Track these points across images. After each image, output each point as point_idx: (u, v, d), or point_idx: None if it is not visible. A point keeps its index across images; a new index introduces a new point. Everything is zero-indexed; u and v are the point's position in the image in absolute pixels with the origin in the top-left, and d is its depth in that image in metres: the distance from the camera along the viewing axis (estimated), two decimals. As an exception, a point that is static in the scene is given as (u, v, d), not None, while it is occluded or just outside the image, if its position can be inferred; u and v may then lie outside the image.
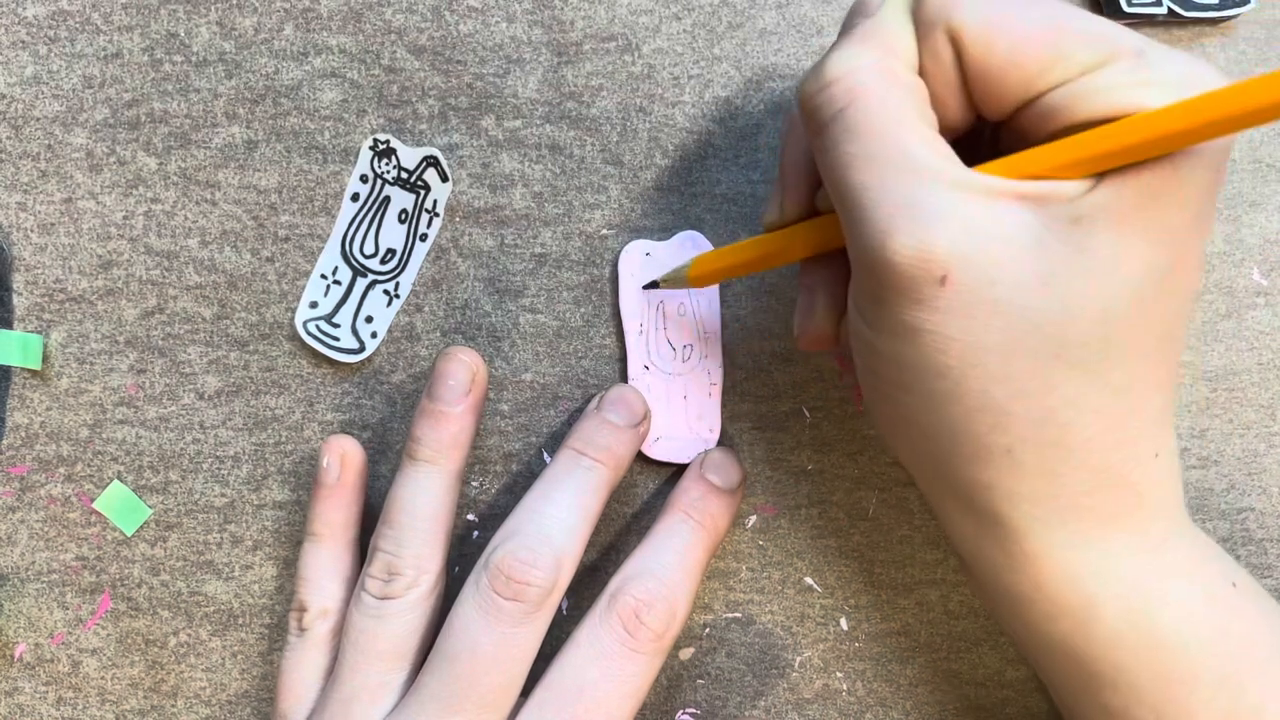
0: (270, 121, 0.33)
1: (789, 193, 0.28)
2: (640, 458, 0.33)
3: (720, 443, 0.33)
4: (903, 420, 0.25)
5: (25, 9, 0.33)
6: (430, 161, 0.33)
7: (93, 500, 0.33)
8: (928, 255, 0.21)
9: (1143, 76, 0.21)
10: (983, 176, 0.22)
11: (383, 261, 0.33)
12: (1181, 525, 0.25)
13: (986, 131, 0.26)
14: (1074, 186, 0.22)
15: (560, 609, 0.32)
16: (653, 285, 0.32)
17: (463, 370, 0.30)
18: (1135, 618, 0.24)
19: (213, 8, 0.33)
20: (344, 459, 0.31)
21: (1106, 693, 0.25)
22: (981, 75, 0.23)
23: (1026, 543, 0.24)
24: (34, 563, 0.33)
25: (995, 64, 0.23)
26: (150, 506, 0.33)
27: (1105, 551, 0.24)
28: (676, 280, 0.31)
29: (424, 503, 0.29)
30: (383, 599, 0.28)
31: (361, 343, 0.33)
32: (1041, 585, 0.24)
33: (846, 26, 0.25)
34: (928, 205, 0.21)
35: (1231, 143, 0.21)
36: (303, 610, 0.30)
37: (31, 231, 0.33)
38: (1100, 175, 0.22)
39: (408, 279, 0.33)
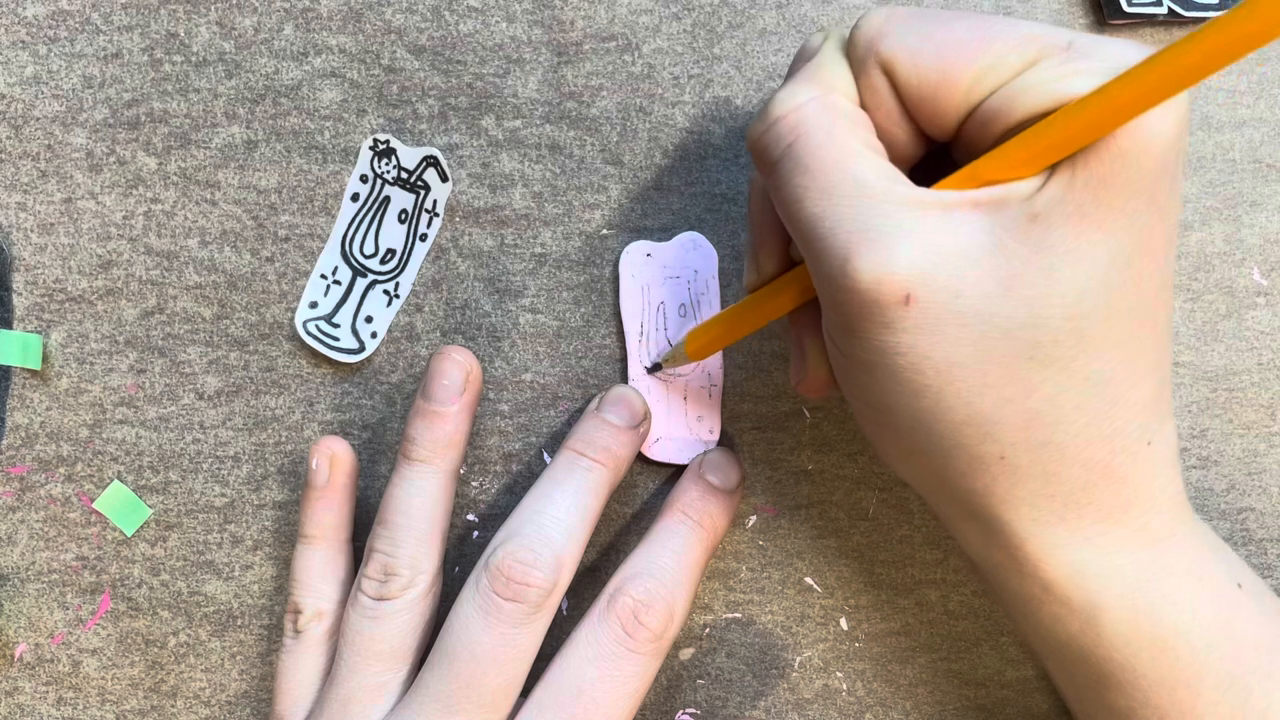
0: (270, 121, 0.33)
1: (763, 250, 0.28)
2: (640, 458, 0.33)
3: (720, 443, 0.33)
4: (894, 440, 0.25)
5: (25, 9, 0.33)
6: (430, 161, 0.33)
7: (93, 500, 0.33)
8: (888, 276, 0.21)
9: (1073, 67, 0.22)
10: (935, 192, 0.22)
11: (383, 261, 0.33)
12: (1184, 519, 0.25)
13: (942, 155, 0.26)
14: (1026, 186, 0.22)
15: (560, 609, 0.32)
16: (655, 368, 0.33)
17: (457, 370, 0.30)
18: (1140, 618, 0.24)
19: (213, 8, 0.33)
20: (333, 460, 0.31)
21: (1113, 693, 0.25)
22: (918, 98, 0.23)
23: (1029, 545, 0.24)
24: (34, 563, 0.33)
25: (929, 85, 0.23)
26: (150, 506, 0.33)
27: (1106, 548, 0.24)
28: (676, 358, 0.32)
29: (419, 503, 0.29)
30: (379, 599, 0.28)
31: (361, 343, 0.33)
32: (1048, 586, 0.24)
33: (790, 72, 0.26)
34: (882, 227, 0.22)
35: (1181, 118, 0.21)
36: (297, 612, 0.30)
37: (31, 231, 0.33)
38: (1051, 171, 0.22)
39: (408, 279, 0.33)
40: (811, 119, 0.23)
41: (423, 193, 0.33)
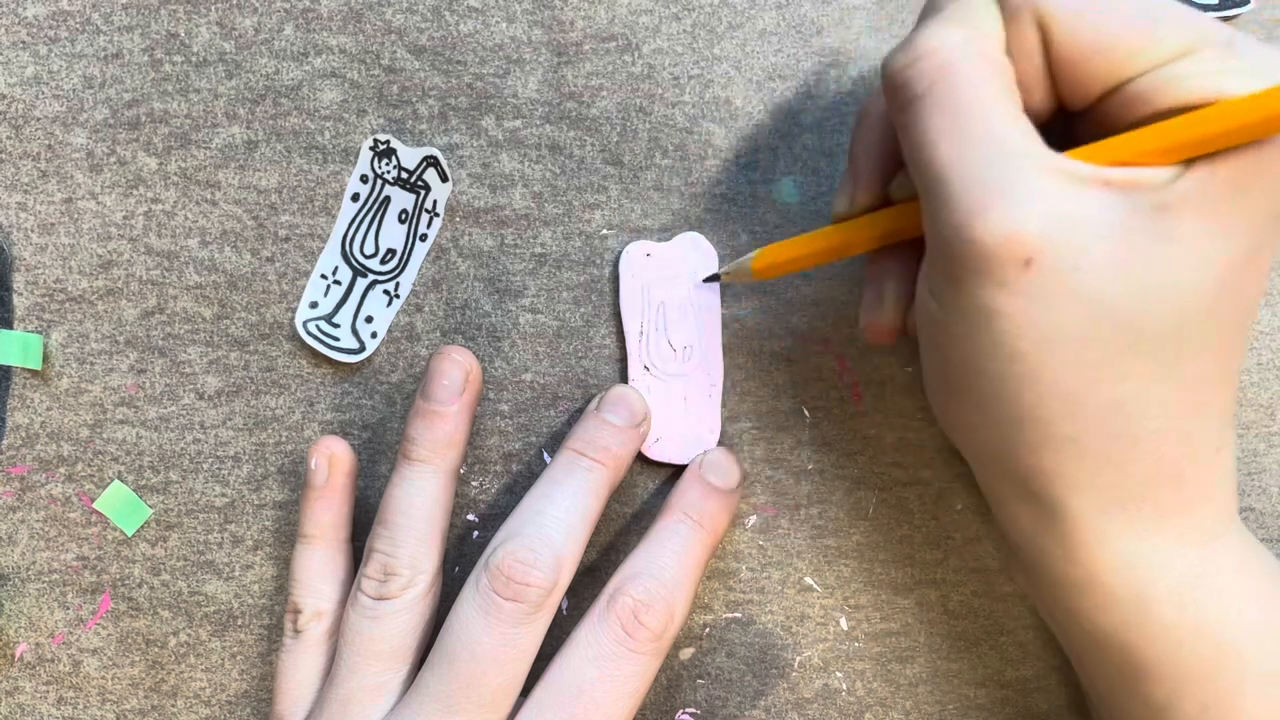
0: (270, 121, 0.33)
1: (861, 182, 0.27)
2: (640, 458, 0.33)
3: (720, 443, 0.33)
4: (968, 404, 0.25)
5: (25, 9, 0.33)
6: (430, 161, 0.33)
7: (93, 500, 0.33)
8: (1015, 237, 0.21)
9: (1231, 65, 0.21)
10: (1070, 161, 0.22)
11: (383, 261, 0.33)
12: (1233, 521, 0.25)
13: (1059, 123, 0.25)
14: (1161, 174, 0.21)
15: (560, 609, 0.32)
16: (714, 278, 0.32)
17: (456, 369, 0.30)
18: (1186, 613, 0.24)
19: (213, 8, 0.33)
20: (332, 460, 0.31)
21: (1151, 685, 0.25)
22: (1068, 61, 0.23)
23: (1084, 531, 0.24)
24: (34, 563, 0.33)
25: (1082, 50, 0.22)
26: (150, 506, 0.33)
27: (1160, 544, 0.24)
28: (740, 272, 0.31)
29: (419, 503, 0.29)
30: (379, 599, 0.28)
31: (361, 343, 0.33)
32: (1095, 575, 0.24)
33: (932, 6, 0.25)
34: (1017, 187, 0.21)
35: None
36: (297, 612, 0.30)
37: (31, 231, 0.33)
38: (1187, 164, 0.21)
39: (408, 279, 0.33)
40: (960, 61, 0.22)
41: (423, 193, 0.33)
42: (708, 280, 0.32)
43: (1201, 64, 0.21)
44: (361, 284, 0.33)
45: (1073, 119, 0.25)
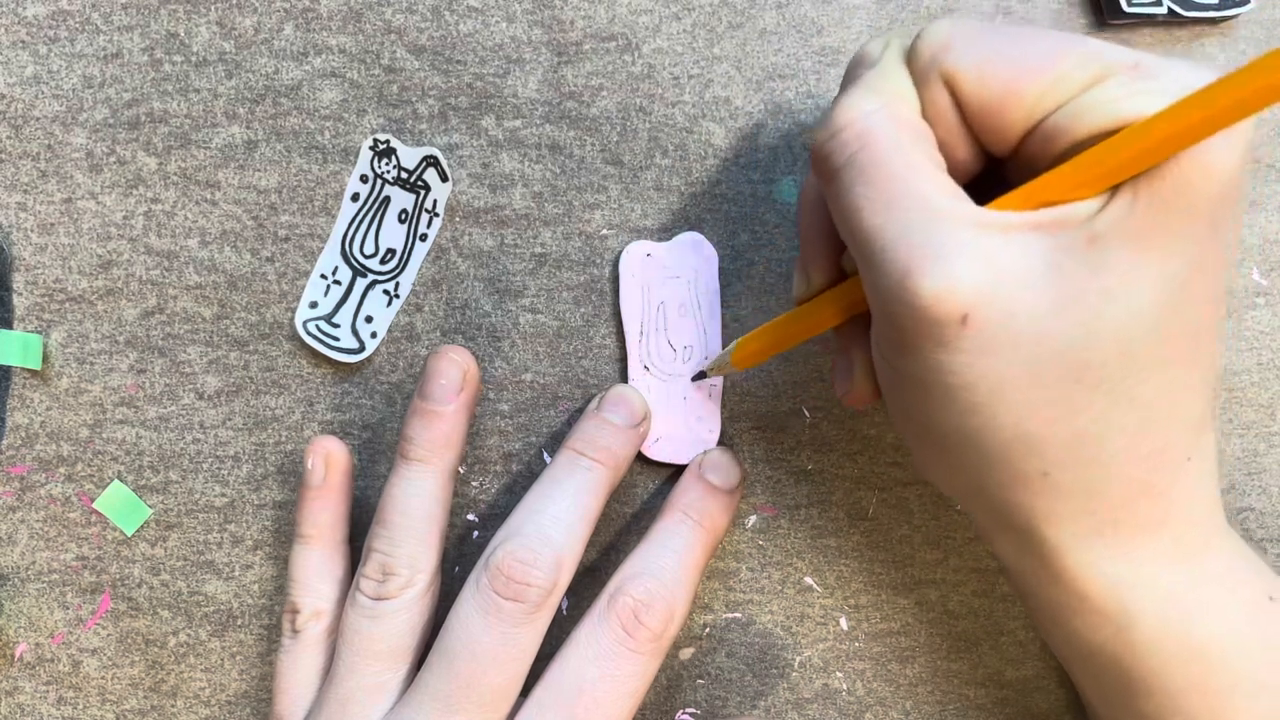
0: (270, 121, 0.33)
1: (813, 262, 0.28)
2: (640, 458, 0.33)
3: (720, 443, 0.33)
4: (939, 455, 0.25)
5: (25, 9, 0.33)
6: (430, 161, 0.33)
7: (93, 500, 0.33)
8: (948, 296, 0.21)
9: (1139, 86, 0.21)
10: (996, 213, 0.22)
11: (383, 261, 0.33)
12: (1219, 531, 0.25)
13: (991, 170, 0.26)
14: (1087, 207, 0.22)
15: (560, 609, 0.32)
16: (701, 376, 0.32)
17: (454, 369, 0.30)
18: (1173, 627, 0.24)
19: (213, 8, 0.33)
20: (328, 460, 0.31)
21: (1142, 700, 0.25)
22: (981, 112, 0.23)
23: (1067, 558, 0.24)
24: (34, 563, 0.33)
25: (993, 99, 0.23)
26: (150, 506, 0.33)
27: (1142, 560, 0.24)
28: (722, 366, 0.32)
29: (417, 503, 0.29)
30: (378, 599, 0.28)
31: (361, 343, 0.33)
32: (1083, 597, 0.24)
33: (850, 78, 0.25)
34: (945, 245, 0.21)
35: (1246, 145, 0.21)
36: (295, 612, 0.30)
37: (31, 231, 0.33)
38: (1111, 193, 0.22)
39: (408, 279, 0.33)
40: (877, 129, 0.23)
41: (423, 193, 0.33)
42: (695, 378, 0.33)
43: (1110, 90, 0.22)
44: (361, 284, 0.33)
45: (1003, 164, 0.25)
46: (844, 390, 0.28)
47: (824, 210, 0.27)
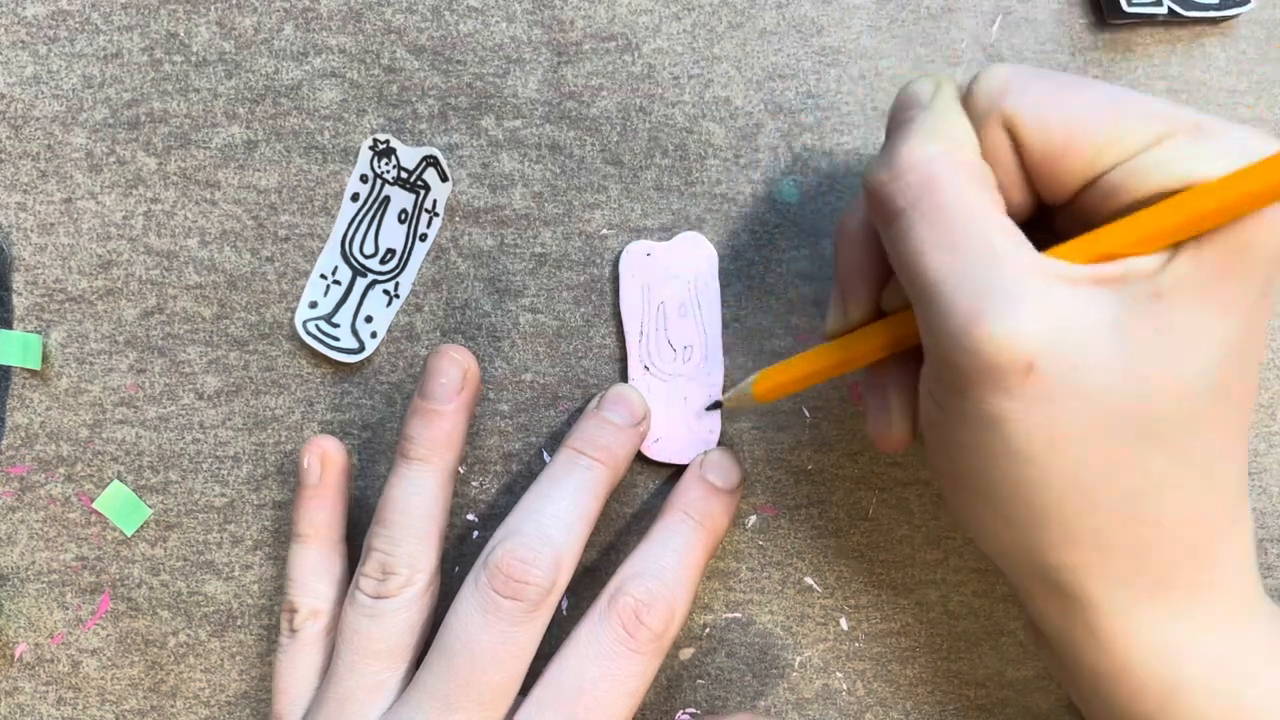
0: (270, 121, 0.33)
1: (851, 297, 0.27)
2: (640, 458, 0.33)
3: (720, 443, 0.33)
4: (984, 506, 0.24)
5: (25, 9, 0.33)
6: (430, 161, 0.33)
7: (93, 500, 0.33)
8: (1014, 344, 0.21)
9: (1201, 148, 0.21)
10: (1060, 263, 0.22)
11: (382, 261, 0.33)
12: (1261, 597, 0.25)
13: (1042, 217, 0.26)
14: (1149, 262, 0.22)
15: (560, 608, 0.32)
16: (716, 406, 0.32)
17: (454, 368, 0.30)
18: (1219, 698, 0.24)
19: (213, 8, 0.33)
20: (324, 459, 0.31)
21: None
22: (1040, 161, 0.23)
23: (1114, 621, 0.24)
24: (34, 563, 0.33)
25: (1052, 149, 0.23)
26: (150, 506, 0.33)
27: (1190, 628, 0.24)
28: (742, 399, 0.31)
29: (417, 502, 0.29)
30: (377, 598, 0.28)
31: (361, 342, 0.33)
32: (1128, 664, 0.24)
33: (901, 119, 0.25)
34: (1011, 293, 0.21)
35: None
36: (293, 611, 0.30)
37: (31, 231, 0.33)
38: (1173, 250, 0.22)
39: (407, 279, 0.33)
40: (943, 174, 0.23)
41: (423, 192, 0.33)
42: (710, 408, 0.32)
43: (1173, 150, 0.22)
44: (361, 284, 0.33)
45: (1054, 212, 0.25)
46: (880, 431, 0.28)
47: (866, 245, 0.27)
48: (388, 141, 0.33)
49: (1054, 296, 0.21)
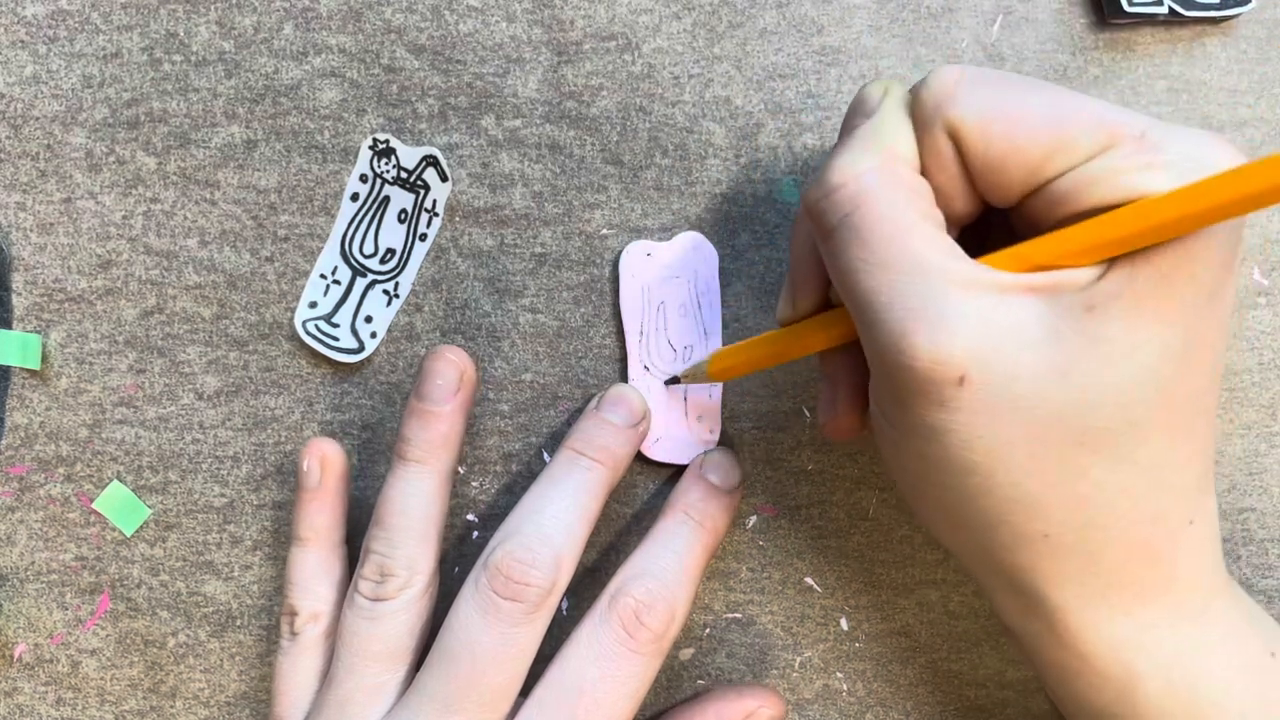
0: (270, 121, 0.33)
1: (800, 288, 0.28)
2: (640, 458, 0.33)
3: (720, 443, 0.33)
4: (937, 513, 0.25)
5: (25, 9, 0.33)
6: (430, 161, 0.33)
7: (92, 500, 0.33)
8: (944, 358, 0.21)
9: (1147, 159, 0.21)
10: (992, 272, 0.22)
11: (382, 261, 0.33)
12: (1222, 592, 0.25)
13: (996, 216, 0.26)
14: (1084, 274, 0.22)
15: (560, 609, 0.32)
16: (674, 381, 0.32)
17: (450, 369, 0.30)
18: (1176, 690, 0.24)
19: (212, 7, 0.33)
20: (324, 462, 0.31)
21: None
22: (983, 167, 0.23)
23: (1069, 619, 0.24)
24: (34, 563, 0.33)
25: (996, 156, 0.23)
26: (150, 506, 0.33)
27: (1144, 623, 0.24)
28: (697, 375, 0.31)
29: (415, 504, 0.29)
30: (376, 600, 0.28)
31: (361, 342, 0.33)
32: (1086, 658, 0.24)
33: (847, 127, 0.25)
34: (940, 307, 0.21)
35: (1243, 218, 0.21)
36: (293, 614, 0.30)
37: (31, 231, 0.33)
38: (1110, 262, 0.22)
39: (407, 279, 0.33)
40: (871, 189, 0.23)
41: (422, 192, 0.33)
42: (668, 383, 0.33)
43: (1117, 161, 0.22)
44: (361, 284, 0.33)
45: (1003, 213, 0.25)
46: (827, 419, 0.28)
47: (814, 242, 0.27)
48: (387, 141, 0.33)
49: (985, 307, 0.22)
